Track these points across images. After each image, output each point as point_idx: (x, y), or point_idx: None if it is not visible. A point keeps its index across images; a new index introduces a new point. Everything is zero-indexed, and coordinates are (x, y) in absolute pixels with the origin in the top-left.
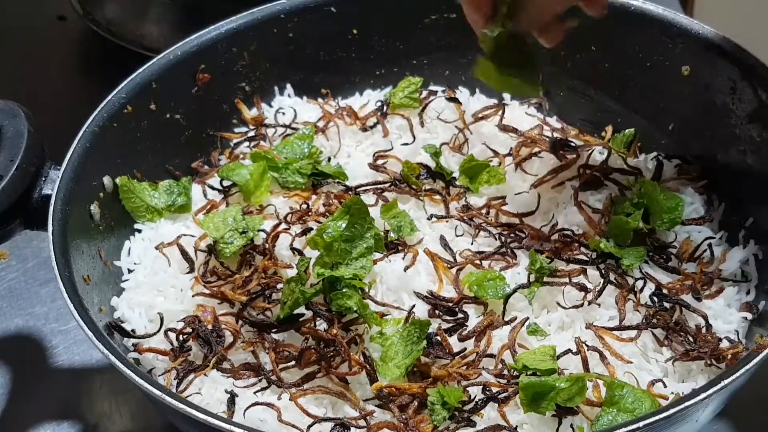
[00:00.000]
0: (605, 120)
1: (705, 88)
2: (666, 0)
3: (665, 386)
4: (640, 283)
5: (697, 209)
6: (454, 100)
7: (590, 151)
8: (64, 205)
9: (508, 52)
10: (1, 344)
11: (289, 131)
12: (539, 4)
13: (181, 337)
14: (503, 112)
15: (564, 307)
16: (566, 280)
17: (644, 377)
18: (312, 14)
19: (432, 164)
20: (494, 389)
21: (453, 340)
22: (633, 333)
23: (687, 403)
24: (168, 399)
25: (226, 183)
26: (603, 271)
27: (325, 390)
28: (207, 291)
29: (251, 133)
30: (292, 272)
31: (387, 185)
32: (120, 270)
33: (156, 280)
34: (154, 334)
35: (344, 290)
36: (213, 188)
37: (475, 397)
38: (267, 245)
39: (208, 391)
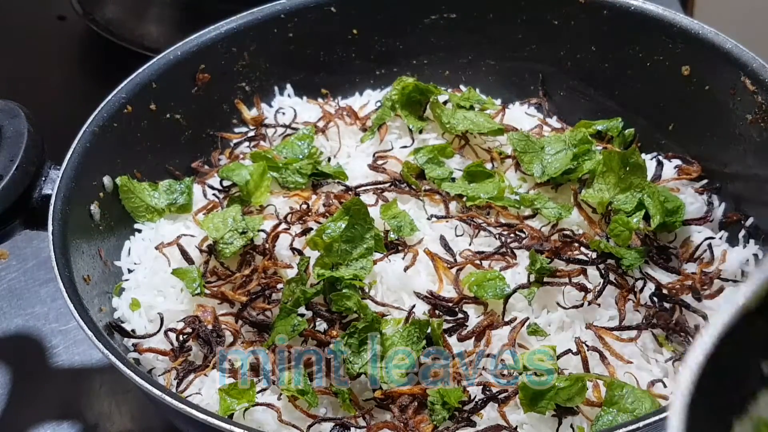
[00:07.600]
0: (605, 120)
1: (705, 88)
2: (666, 0)
3: (665, 386)
4: (640, 283)
5: (697, 209)
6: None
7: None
8: (64, 205)
9: None
10: (1, 344)
11: (289, 131)
12: None
13: (181, 337)
14: (503, 112)
15: (564, 307)
16: (566, 280)
17: (644, 377)
18: (312, 14)
19: (426, 167)
20: (494, 389)
21: (453, 340)
22: (633, 333)
23: None
24: (168, 399)
25: (226, 183)
26: (603, 271)
27: (325, 390)
28: (207, 291)
29: (251, 133)
30: (292, 272)
31: (387, 185)
32: (120, 270)
33: (156, 280)
34: (154, 334)
35: (344, 291)
36: (213, 188)
37: (475, 397)
38: (267, 245)
39: (208, 391)
